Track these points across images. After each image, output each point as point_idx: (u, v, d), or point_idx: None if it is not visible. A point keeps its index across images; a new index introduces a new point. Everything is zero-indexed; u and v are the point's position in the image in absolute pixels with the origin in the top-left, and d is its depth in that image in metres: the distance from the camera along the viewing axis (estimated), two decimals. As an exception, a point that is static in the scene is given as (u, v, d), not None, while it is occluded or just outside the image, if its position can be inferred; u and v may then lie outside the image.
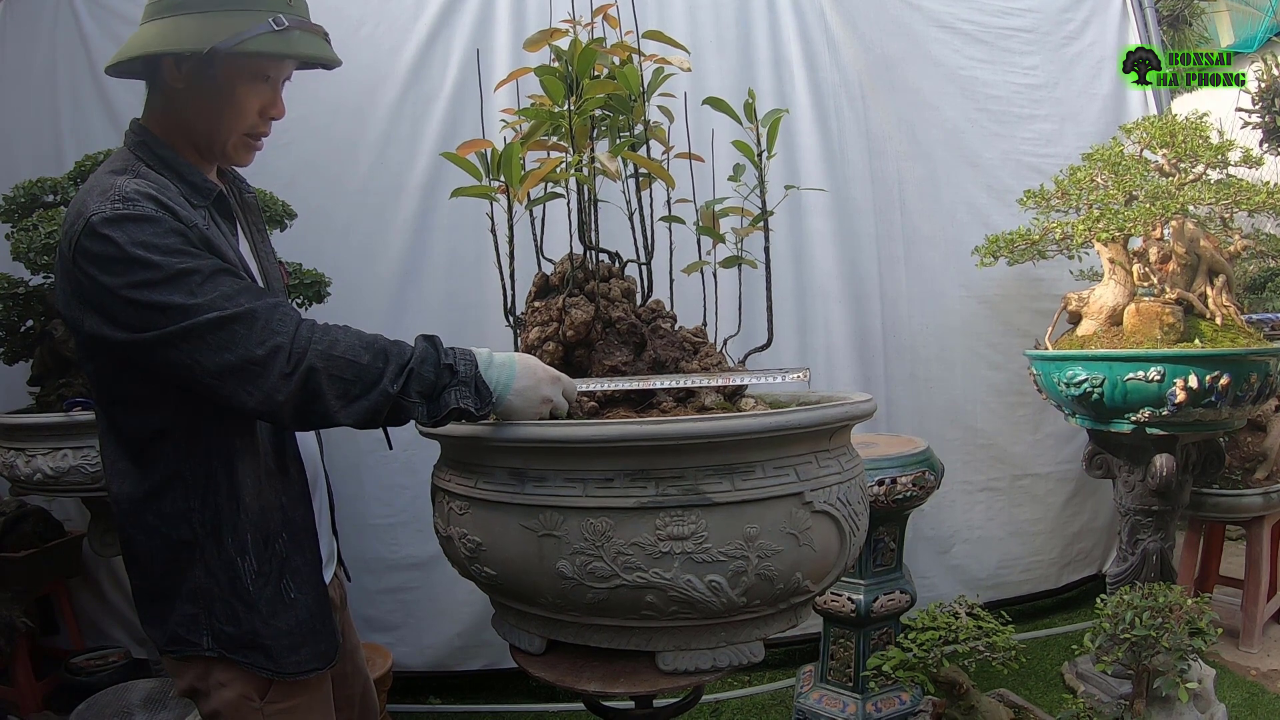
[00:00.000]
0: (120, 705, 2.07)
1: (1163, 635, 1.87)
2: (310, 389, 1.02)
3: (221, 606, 1.14)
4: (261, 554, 1.16)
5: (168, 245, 1.02)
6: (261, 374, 1.01)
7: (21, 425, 2.08)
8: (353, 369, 1.03)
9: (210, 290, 1.01)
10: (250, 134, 1.20)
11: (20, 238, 2.09)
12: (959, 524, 3.12)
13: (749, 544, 1.05)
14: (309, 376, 1.01)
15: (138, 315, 1.02)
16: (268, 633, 1.15)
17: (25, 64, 2.70)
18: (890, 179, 3.03)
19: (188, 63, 1.11)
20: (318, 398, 1.02)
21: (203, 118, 1.15)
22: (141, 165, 1.12)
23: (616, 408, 1.24)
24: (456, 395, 1.06)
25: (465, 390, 1.07)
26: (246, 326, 1.01)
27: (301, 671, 1.18)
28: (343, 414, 1.04)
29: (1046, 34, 3.26)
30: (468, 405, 1.06)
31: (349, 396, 1.03)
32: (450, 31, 2.73)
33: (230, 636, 1.14)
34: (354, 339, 1.05)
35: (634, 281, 1.40)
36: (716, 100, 1.31)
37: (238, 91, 1.14)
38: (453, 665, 2.77)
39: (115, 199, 1.02)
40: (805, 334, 2.91)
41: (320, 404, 1.03)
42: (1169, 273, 2.44)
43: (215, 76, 1.12)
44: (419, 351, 1.07)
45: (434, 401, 1.06)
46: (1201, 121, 2.54)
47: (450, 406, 1.06)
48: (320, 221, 2.58)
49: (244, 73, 1.14)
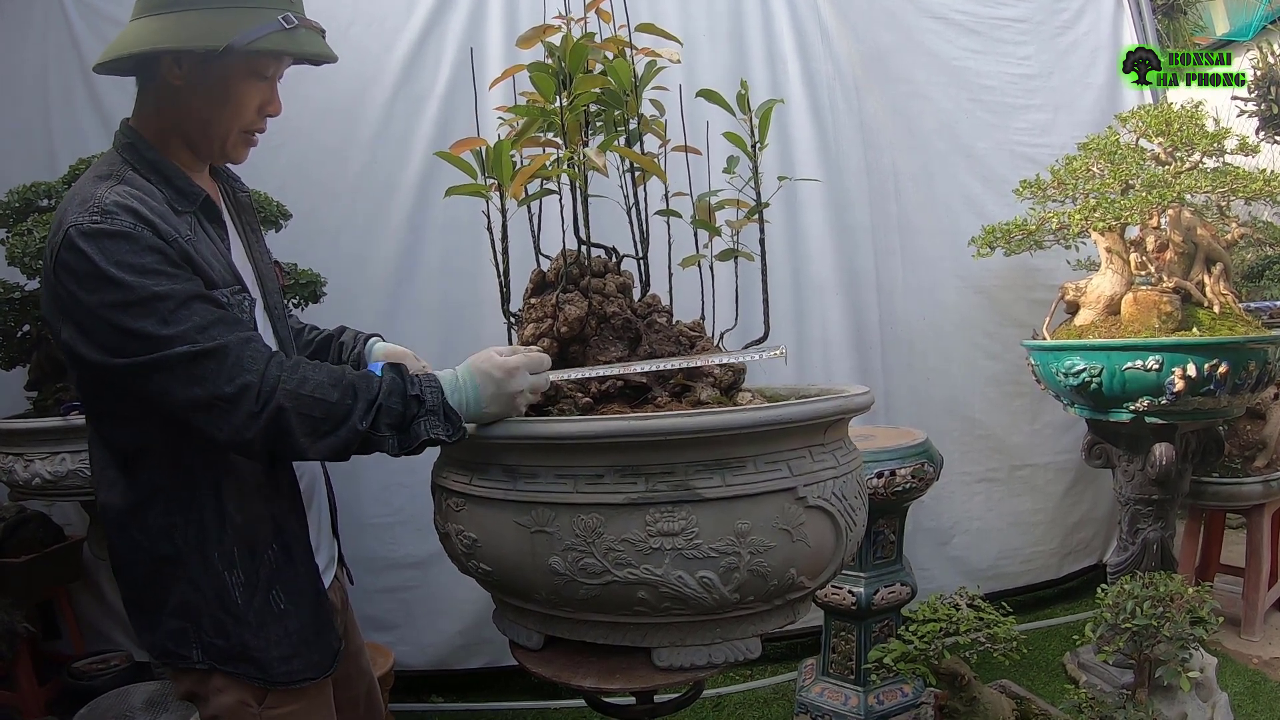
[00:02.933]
0: (122, 709, 2.07)
1: (1164, 624, 1.87)
2: (279, 427, 1.01)
3: (209, 620, 1.13)
4: (249, 566, 1.15)
5: (142, 265, 1.00)
6: (230, 411, 1.01)
7: (19, 430, 2.07)
8: (321, 407, 1.03)
9: (183, 319, 1.00)
10: (248, 130, 1.19)
11: (15, 242, 2.08)
12: (958, 515, 3.12)
13: (740, 540, 1.04)
14: (278, 415, 1.01)
15: (111, 337, 1.01)
16: (257, 644, 1.14)
17: (15, 68, 2.69)
18: (885, 170, 3.03)
19: (189, 60, 1.09)
20: (287, 435, 1.02)
21: (201, 115, 1.14)
22: (128, 170, 1.10)
23: (611, 403, 1.24)
24: (426, 426, 1.07)
25: (434, 419, 1.07)
26: (217, 363, 1.00)
27: (294, 681, 1.17)
28: (312, 451, 1.04)
29: (1040, 23, 3.26)
30: (438, 434, 1.07)
31: (318, 434, 1.03)
32: (442, 30, 2.72)
33: (220, 649, 1.14)
34: (323, 376, 1.05)
35: (630, 276, 1.39)
36: (709, 92, 1.30)
37: (238, 89, 1.13)
38: (454, 664, 2.77)
39: (94, 210, 1.01)
40: (802, 327, 2.91)
41: (289, 440, 1.03)
42: (1166, 261, 2.44)
43: (215, 74, 1.10)
44: (386, 384, 1.07)
45: (404, 433, 1.07)
46: (1197, 110, 2.54)
47: (421, 438, 1.07)
48: (312, 223, 2.57)
49: (243, 70, 1.12)
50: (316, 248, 2.55)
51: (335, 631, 1.27)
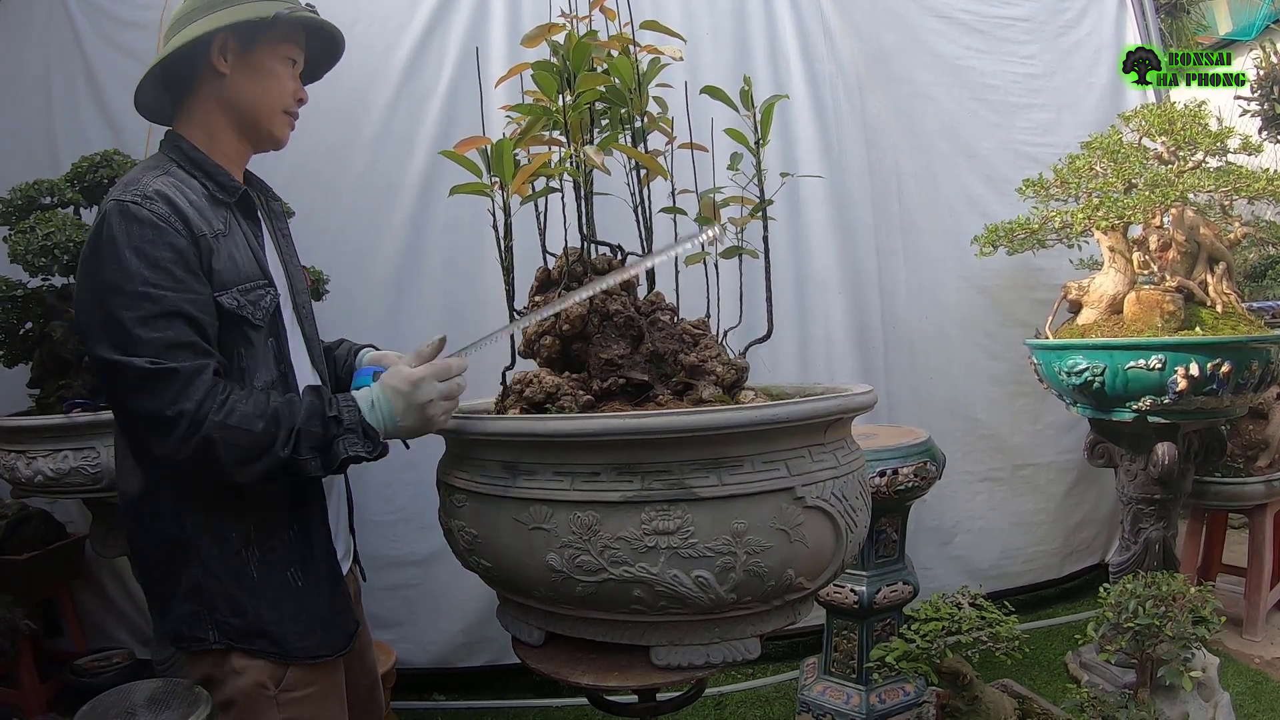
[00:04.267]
0: (124, 706, 2.07)
1: (1166, 624, 1.86)
2: (207, 455, 1.07)
3: (224, 601, 1.18)
4: (267, 545, 1.20)
5: (155, 258, 1.09)
6: (166, 432, 1.06)
7: (22, 427, 2.08)
8: (246, 438, 1.08)
9: (159, 329, 1.07)
10: (287, 111, 1.31)
11: (18, 240, 2.09)
12: (961, 514, 3.12)
13: (737, 540, 1.04)
14: (206, 445, 1.06)
15: (95, 313, 1.09)
16: (273, 618, 1.19)
17: (17, 65, 2.69)
18: (888, 170, 3.02)
19: (236, 40, 1.22)
20: (214, 462, 1.07)
21: (248, 96, 1.25)
22: (173, 165, 1.21)
23: (612, 401, 1.24)
24: (345, 445, 1.12)
25: (354, 438, 1.12)
26: (165, 385, 1.06)
27: (310, 656, 1.21)
28: (239, 476, 1.10)
29: (1043, 23, 3.25)
30: (357, 452, 1.12)
31: (244, 462, 1.08)
32: (445, 29, 2.72)
33: (236, 628, 1.18)
34: (250, 408, 1.09)
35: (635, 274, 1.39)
36: (713, 89, 1.30)
37: (275, 69, 1.27)
38: (456, 662, 2.77)
39: (136, 193, 1.12)
40: (805, 325, 2.90)
41: (217, 467, 1.08)
42: (1169, 260, 2.44)
43: (255, 57, 1.24)
44: (305, 408, 1.12)
45: (326, 454, 1.12)
46: (1200, 109, 2.53)
47: (341, 456, 1.11)
48: (315, 221, 2.56)
49: (276, 55, 1.27)
50: (319, 246, 2.55)
51: (351, 615, 1.32)
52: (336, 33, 1.36)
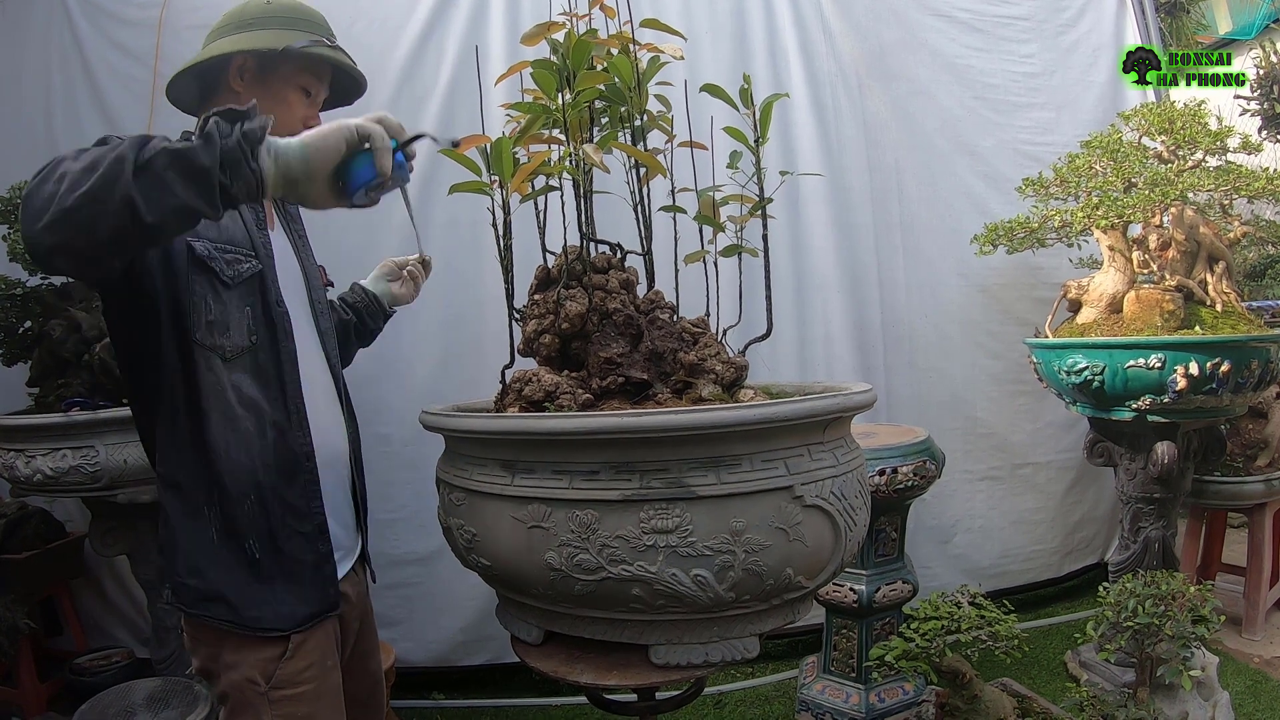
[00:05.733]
0: (123, 705, 2.07)
1: (1165, 623, 1.87)
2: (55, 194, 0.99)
3: (183, 559, 1.20)
4: (227, 511, 1.20)
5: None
6: (29, 202, 1.00)
7: (21, 426, 2.08)
8: (89, 157, 1.02)
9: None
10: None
11: (17, 238, 2.08)
12: (960, 513, 3.12)
13: (735, 539, 1.04)
14: (58, 182, 1.00)
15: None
16: (227, 583, 1.20)
17: (17, 65, 2.69)
18: (888, 168, 3.02)
19: (254, 63, 1.30)
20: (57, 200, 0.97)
21: None
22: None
23: (612, 399, 1.24)
24: (214, 124, 1.00)
25: (223, 122, 1.00)
26: (48, 172, 1.03)
27: (260, 629, 1.20)
28: (73, 198, 0.97)
29: (1043, 22, 3.25)
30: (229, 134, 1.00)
31: (88, 175, 0.99)
32: (444, 28, 2.71)
33: (190, 589, 1.19)
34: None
35: (634, 273, 1.39)
36: (713, 87, 1.30)
37: (288, 97, 1.34)
38: (456, 660, 2.77)
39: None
40: (804, 324, 2.91)
41: (61, 203, 0.97)
42: (1169, 259, 2.44)
43: (270, 82, 1.32)
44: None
45: (205, 138, 1.01)
46: (1200, 108, 2.54)
47: (217, 132, 1.00)
48: (313, 219, 2.54)
49: (292, 83, 1.34)
50: (317, 244, 2.48)
51: (321, 594, 1.27)
52: (355, 71, 1.43)
